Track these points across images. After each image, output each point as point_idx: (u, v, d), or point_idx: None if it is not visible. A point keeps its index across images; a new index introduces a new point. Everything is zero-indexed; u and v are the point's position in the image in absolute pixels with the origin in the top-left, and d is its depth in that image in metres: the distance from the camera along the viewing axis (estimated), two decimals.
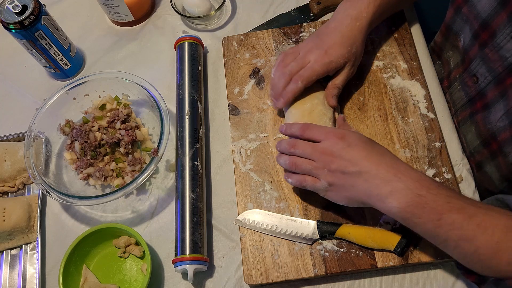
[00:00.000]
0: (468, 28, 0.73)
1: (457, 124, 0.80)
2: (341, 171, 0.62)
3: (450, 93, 0.81)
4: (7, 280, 0.77)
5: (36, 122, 0.81)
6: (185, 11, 0.94)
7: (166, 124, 0.77)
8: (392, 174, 0.59)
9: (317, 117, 0.73)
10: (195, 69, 0.85)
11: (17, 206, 0.78)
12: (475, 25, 0.70)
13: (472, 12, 0.70)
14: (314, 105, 0.74)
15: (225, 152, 0.82)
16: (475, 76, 0.72)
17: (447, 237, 0.56)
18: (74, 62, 0.92)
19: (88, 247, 0.75)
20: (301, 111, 0.74)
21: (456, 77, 0.79)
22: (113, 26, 0.99)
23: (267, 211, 0.73)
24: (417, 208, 0.56)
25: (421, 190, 0.57)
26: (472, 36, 0.72)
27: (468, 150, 0.78)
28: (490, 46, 0.67)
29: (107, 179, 0.79)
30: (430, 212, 0.56)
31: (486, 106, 0.71)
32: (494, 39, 0.66)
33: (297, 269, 0.69)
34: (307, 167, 0.65)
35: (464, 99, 0.77)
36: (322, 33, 0.75)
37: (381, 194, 0.58)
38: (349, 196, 0.63)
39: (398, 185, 0.58)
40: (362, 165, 0.60)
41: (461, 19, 0.75)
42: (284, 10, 0.94)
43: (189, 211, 0.73)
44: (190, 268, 0.69)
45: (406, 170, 0.59)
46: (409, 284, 0.69)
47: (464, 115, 0.78)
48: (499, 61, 0.66)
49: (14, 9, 0.79)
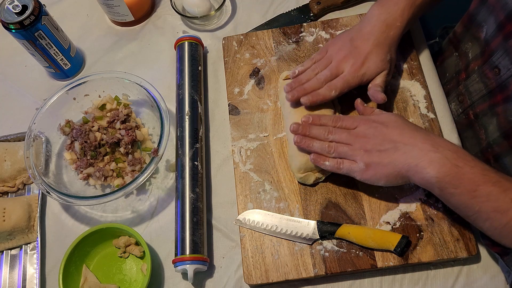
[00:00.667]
0: (493, 18, 0.72)
1: (473, 116, 0.79)
2: (377, 149, 0.64)
3: (465, 85, 0.80)
4: (7, 280, 0.77)
5: (36, 122, 0.81)
6: (185, 11, 0.94)
7: (166, 124, 0.77)
8: (430, 145, 0.61)
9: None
10: (195, 69, 0.85)
11: (17, 206, 0.78)
12: (501, 16, 0.69)
13: (500, 2, 0.69)
14: (315, 107, 0.74)
15: (225, 152, 0.82)
16: (497, 67, 0.71)
17: (480, 208, 0.58)
18: (74, 62, 0.92)
19: (88, 247, 0.75)
20: (300, 112, 0.74)
21: (475, 69, 0.78)
22: (113, 26, 0.99)
23: (267, 211, 0.73)
24: (455, 179, 0.58)
25: (458, 161, 0.59)
26: (497, 27, 0.71)
27: (485, 142, 0.78)
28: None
29: (107, 179, 0.79)
30: (467, 183, 0.58)
31: (507, 99, 0.71)
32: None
33: (297, 269, 0.69)
34: (343, 149, 0.67)
35: (483, 91, 0.76)
36: (356, 39, 0.74)
37: (420, 165, 0.60)
38: (387, 173, 0.64)
39: (436, 155, 0.60)
40: (398, 140, 0.63)
41: (487, 9, 0.74)
42: (284, 10, 0.94)
43: (189, 211, 0.73)
44: (190, 268, 0.69)
45: (443, 141, 0.62)
46: (409, 284, 0.69)
47: (483, 107, 0.77)
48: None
49: (14, 9, 0.79)
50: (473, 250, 0.67)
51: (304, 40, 0.86)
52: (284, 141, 0.78)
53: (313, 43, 0.86)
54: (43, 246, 0.78)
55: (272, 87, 0.83)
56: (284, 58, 0.85)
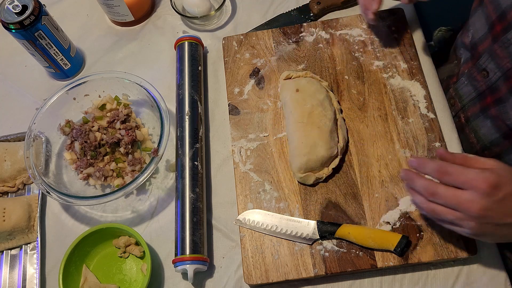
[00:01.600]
0: (484, 20, 0.73)
1: (464, 120, 0.80)
2: (495, 223, 0.54)
3: (455, 88, 0.81)
4: (7, 280, 0.77)
5: (36, 122, 0.81)
6: (185, 11, 0.94)
7: (166, 124, 0.77)
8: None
9: (317, 118, 0.73)
10: (195, 69, 0.85)
11: (17, 206, 0.78)
12: (493, 16, 0.70)
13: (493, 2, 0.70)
14: (314, 107, 0.74)
15: (225, 152, 0.82)
16: (485, 70, 0.72)
17: None
18: (74, 62, 0.92)
19: (88, 247, 0.75)
20: (300, 112, 0.74)
21: (465, 72, 0.79)
22: (113, 26, 0.99)
23: (267, 211, 0.73)
24: None
25: None
26: (488, 27, 0.71)
27: (479, 144, 0.78)
28: (500, 41, 0.67)
29: (107, 179, 0.79)
30: None
31: (499, 101, 0.71)
32: (506, 34, 0.66)
33: (297, 269, 0.69)
34: (449, 217, 0.56)
35: (473, 94, 0.77)
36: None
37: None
38: (501, 239, 0.60)
39: None
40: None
41: (482, 10, 0.74)
42: (284, 10, 0.94)
43: (189, 211, 0.73)
44: (190, 268, 0.69)
45: None
46: (409, 284, 0.69)
47: (475, 110, 0.77)
48: (507, 57, 0.66)
49: (14, 9, 0.79)
50: (473, 250, 0.67)
51: (304, 40, 0.86)
52: (284, 141, 0.78)
53: (313, 43, 0.86)
54: (43, 246, 0.78)
55: (272, 87, 0.83)
56: (284, 58, 0.85)
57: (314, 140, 0.72)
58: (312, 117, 0.73)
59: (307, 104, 0.75)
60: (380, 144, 0.76)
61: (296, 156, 0.73)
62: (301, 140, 0.73)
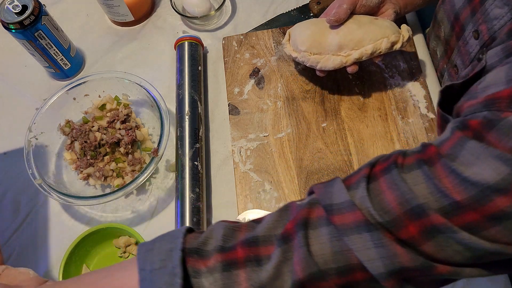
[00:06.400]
0: (446, 18, 0.73)
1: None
2: None
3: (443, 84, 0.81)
4: None
5: (36, 122, 0.81)
6: (185, 11, 0.94)
7: (166, 124, 0.77)
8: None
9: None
10: (195, 69, 0.85)
11: None
12: (451, 16, 0.70)
13: (450, 2, 0.70)
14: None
15: (225, 152, 0.82)
16: (456, 66, 0.72)
17: None
18: (74, 62, 0.92)
19: (88, 247, 0.75)
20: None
21: (444, 67, 0.79)
22: (113, 26, 0.99)
23: (267, 211, 0.73)
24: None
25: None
26: (450, 27, 0.72)
27: None
28: (461, 39, 0.67)
29: (107, 179, 0.79)
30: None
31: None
32: (463, 33, 0.66)
33: None
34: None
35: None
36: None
37: None
38: None
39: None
40: None
41: (443, 8, 0.74)
42: (284, 10, 0.94)
43: (189, 211, 0.73)
44: None
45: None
46: None
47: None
48: (466, 55, 0.66)
49: (14, 9, 0.79)
50: None
51: None
52: (284, 141, 0.78)
53: None
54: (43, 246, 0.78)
55: (272, 87, 0.83)
56: (284, 58, 0.85)
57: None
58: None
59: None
60: (380, 144, 0.76)
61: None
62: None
